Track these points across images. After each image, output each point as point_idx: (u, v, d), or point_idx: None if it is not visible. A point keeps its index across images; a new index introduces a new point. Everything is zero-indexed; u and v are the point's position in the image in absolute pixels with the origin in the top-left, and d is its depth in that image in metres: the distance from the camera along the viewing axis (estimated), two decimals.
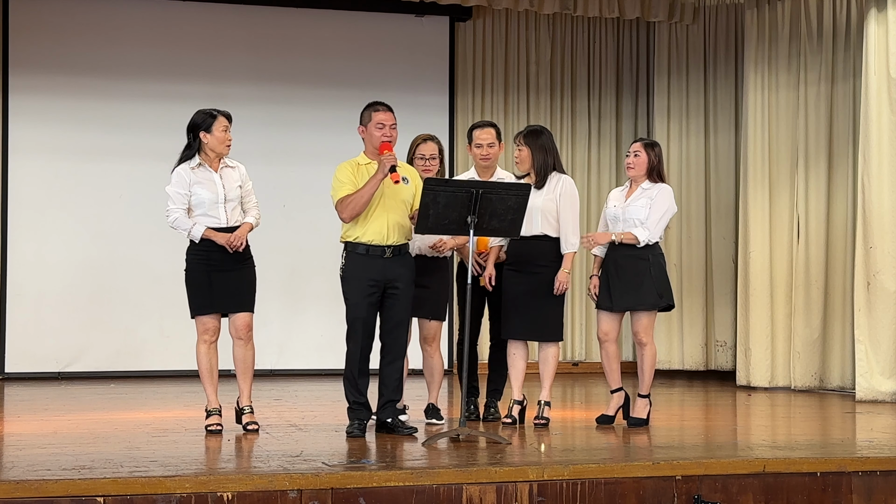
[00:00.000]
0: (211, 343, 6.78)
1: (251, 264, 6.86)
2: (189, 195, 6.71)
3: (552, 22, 11.89)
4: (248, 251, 6.84)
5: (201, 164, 6.77)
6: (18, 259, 10.65)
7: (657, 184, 7.16)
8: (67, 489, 4.90)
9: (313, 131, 11.16)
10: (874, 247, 9.02)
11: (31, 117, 10.71)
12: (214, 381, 6.83)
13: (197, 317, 6.76)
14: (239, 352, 6.82)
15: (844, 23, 9.97)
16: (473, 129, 7.35)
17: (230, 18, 11.14)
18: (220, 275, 6.69)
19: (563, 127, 11.94)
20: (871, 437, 6.77)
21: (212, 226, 6.71)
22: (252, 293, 6.85)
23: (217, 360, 6.83)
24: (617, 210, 7.14)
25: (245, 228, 6.76)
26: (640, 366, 7.18)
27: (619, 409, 7.22)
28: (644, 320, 7.10)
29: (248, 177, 6.91)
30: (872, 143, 9.04)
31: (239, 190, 6.81)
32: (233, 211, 6.77)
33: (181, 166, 6.78)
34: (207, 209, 6.71)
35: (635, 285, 7.02)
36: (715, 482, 5.58)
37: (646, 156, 7.15)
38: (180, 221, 6.71)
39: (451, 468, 5.39)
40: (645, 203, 7.08)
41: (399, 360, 6.72)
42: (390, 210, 6.64)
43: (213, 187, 6.72)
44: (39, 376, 10.51)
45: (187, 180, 6.72)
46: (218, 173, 6.77)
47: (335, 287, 6.83)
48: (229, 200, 6.75)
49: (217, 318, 6.78)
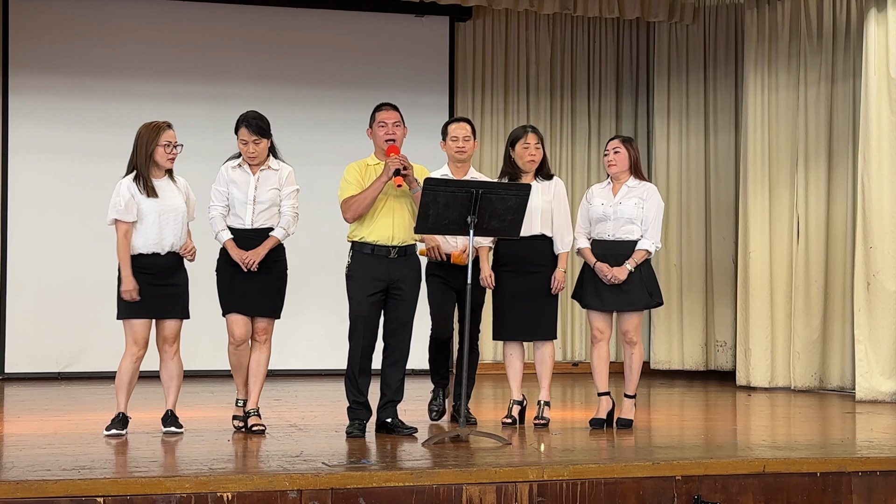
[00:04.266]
0: (238, 346, 6.78)
1: (280, 268, 6.82)
2: (227, 193, 6.73)
3: (552, 22, 11.89)
4: (280, 253, 6.81)
5: (241, 165, 6.79)
6: (18, 259, 10.66)
7: (642, 182, 7.15)
8: (67, 489, 4.90)
9: (313, 131, 11.16)
10: (874, 247, 9.02)
11: (31, 117, 10.71)
12: (243, 374, 6.83)
13: (224, 316, 6.79)
14: (253, 354, 6.82)
15: (844, 23, 9.97)
16: (448, 124, 7.36)
17: (230, 18, 11.15)
18: (242, 276, 6.69)
19: (563, 127, 11.94)
20: (871, 438, 6.77)
21: (237, 226, 6.72)
22: (274, 298, 6.80)
23: (246, 358, 6.80)
24: (606, 209, 7.08)
25: (267, 244, 6.70)
26: (628, 365, 7.16)
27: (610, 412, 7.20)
28: (635, 319, 7.10)
29: (290, 181, 6.83)
30: (872, 143, 9.04)
31: (275, 193, 6.76)
32: (260, 214, 6.73)
33: (225, 165, 6.82)
34: (237, 209, 6.73)
35: (625, 285, 7.00)
36: (715, 482, 5.58)
37: (626, 152, 7.13)
38: (214, 222, 6.75)
39: (451, 468, 5.39)
40: (636, 202, 7.06)
41: (402, 362, 6.72)
42: (397, 211, 6.64)
43: (245, 188, 6.72)
44: (39, 376, 10.52)
45: (226, 178, 6.75)
46: (256, 175, 6.76)
47: (335, 287, 6.84)
48: (258, 203, 6.73)
49: (242, 319, 6.75)
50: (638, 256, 7.02)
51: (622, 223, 7.05)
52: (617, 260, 7.02)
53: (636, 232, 7.06)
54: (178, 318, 6.74)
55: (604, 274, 6.99)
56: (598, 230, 7.12)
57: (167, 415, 6.76)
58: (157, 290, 6.64)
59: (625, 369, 7.18)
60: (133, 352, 6.68)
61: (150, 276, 6.63)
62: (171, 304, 6.69)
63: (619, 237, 7.06)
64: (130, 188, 6.65)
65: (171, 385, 6.76)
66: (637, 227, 7.05)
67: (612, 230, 7.07)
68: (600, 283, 7.05)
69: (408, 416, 6.93)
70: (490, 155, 11.67)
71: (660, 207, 7.14)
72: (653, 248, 7.07)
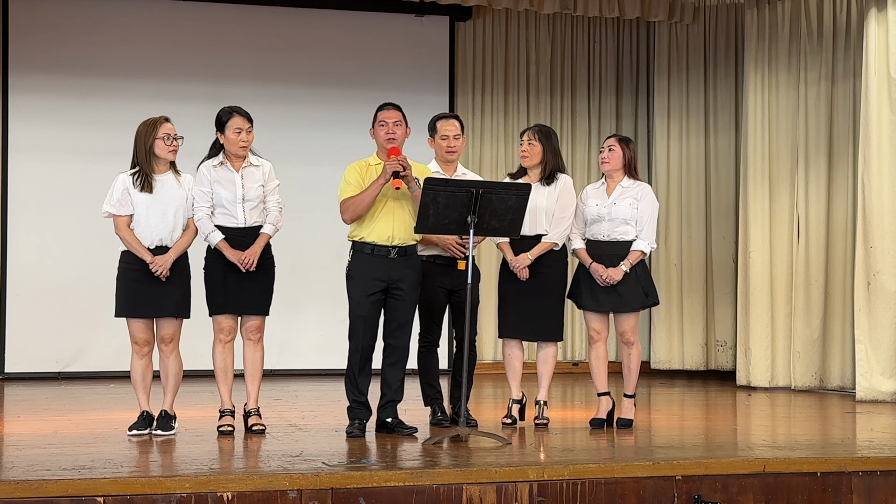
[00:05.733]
0: (226, 343, 6.75)
1: (269, 266, 6.80)
2: (211, 193, 6.69)
3: (552, 22, 11.89)
4: (268, 252, 6.79)
5: (223, 163, 6.74)
6: (18, 259, 10.66)
7: (637, 182, 7.14)
8: (67, 489, 4.90)
9: (313, 131, 11.16)
10: (874, 247, 9.02)
11: (31, 117, 10.71)
12: (229, 381, 6.79)
13: (213, 316, 6.75)
14: (248, 353, 6.80)
15: (844, 23, 9.97)
16: (437, 121, 7.22)
17: (230, 18, 11.15)
18: (236, 275, 6.66)
19: (563, 127, 11.93)
20: (872, 437, 6.77)
21: (229, 225, 6.67)
22: (266, 295, 6.78)
23: (232, 360, 6.78)
24: (601, 209, 7.07)
25: (260, 242, 6.68)
26: (626, 365, 7.15)
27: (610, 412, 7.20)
28: (631, 320, 7.10)
29: (272, 176, 6.80)
30: (872, 143, 9.04)
31: (260, 189, 6.74)
32: (251, 210, 6.71)
33: (204, 164, 6.76)
34: (226, 208, 6.69)
35: (620, 285, 7.00)
36: (715, 482, 5.58)
37: (620, 150, 7.12)
38: (202, 223, 6.68)
39: (451, 468, 5.39)
40: (630, 203, 7.05)
41: (402, 362, 6.72)
42: (397, 211, 6.64)
43: (232, 187, 6.69)
44: (39, 376, 10.52)
45: (208, 178, 6.69)
46: (239, 172, 6.73)
47: (335, 287, 6.84)
48: (248, 200, 6.70)
49: (232, 318, 6.74)
50: (633, 257, 7.01)
51: (617, 224, 7.04)
52: (612, 261, 7.02)
53: (631, 232, 7.05)
54: (172, 318, 6.68)
55: (599, 275, 6.99)
56: (593, 231, 7.11)
57: (160, 415, 6.71)
58: (148, 288, 6.58)
59: (623, 369, 7.17)
60: (136, 349, 6.68)
61: (141, 274, 6.59)
62: (163, 303, 6.61)
63: (614, 238, 7.05)
64: (125, 181, 6.64)
65: (167, 385, 6.72)
66: (632, 228, 7.05)
67: (606, 231, 7.06)
68: (595, 283, 7.04)
69: (408, 416, 6.92)
70: (490, 155, 11.68)
71: (654, 207, 7.13)
72: (648, 248, 7.06)
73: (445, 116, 7.28)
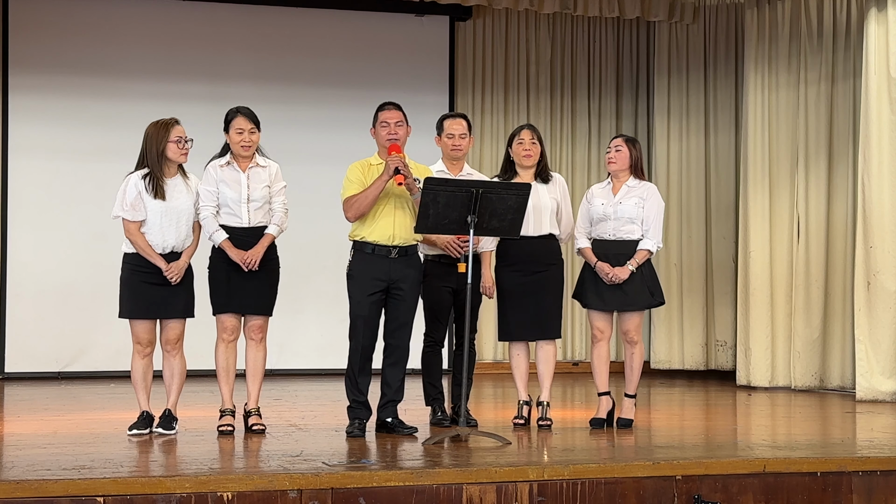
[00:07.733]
0: (229, 342, 6.75)
1: (273, 266, 6.80)
2: (217, 192, 6.69)
3: (552, 22, 11.89)
4: (273, 252, 6.79)
5: (230, 163, 6.75)
6: (18, 259, 10.66)
7: (643, 182, 7.15)
8: (67, 489, 4.90)
9: (313, 131, 11.16)
10: (874, 247, 9.02)
11: (31, 117, 10.71)
12: (230, 380, 6.79)
13: (216, 315, 6.75)
14: (250, 353, 6.81)
15: (844, 23, 9.97)
16: (444, 119, 7.25)
17: (230, 18, 11.15)
18: (239, 275, 6.66)
19: (563, 127, 11.93)
20: (872, 437, 6.77)
21: (234, 225, 6.67)
22: (269, 295, 6.78)
23: (235, 360, 6.78)
24: (606, 208, 7.08)
25: (264, 242, 6.68)
26: (629, 365, 7.15)
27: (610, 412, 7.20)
28: (636, 319, 7.10)
29: (279, 177, 6.80)
30: (872, 143, 9.04)
31: (266, 190, 6.74)
32: (256, 211, 6.71)
33: (211, 164, 6.77)
34: (231, 208, 6.69)
35: (626, 284, 7.00)
36: (715, 482, 5.58)
37: (627, 150, 7.13)
38: (207, 223, 6.69)
39: (451, 468, 5.39)
40: (636, 202, 7.06)
41: (402, 361, 6.72)
42: (398, 211, 6.65)
43: (237, 187, 6.69)
44: (39, 376, 10.52)
45: (215, 178, 6.70)
46: (245, 173, 6.73)
47: (335, 287, 6.84)
48: (253, 201, 6.70)
49: (235, 318, 6.74)
50: (640, 257, 7.02)
51: (622, 223, 7.05)
52: (617, 260, 7.02)
53: (636, 232, 7.06)
54: (180, 318, 6.71)
55: (605, 273, 6.99)
56: (599, 230, 7.12)
57: (164, 414, 6.73)
58: (158, 289, 6.62)
59: (625, 369, 7.17)
60: (138, 350, 6.69)
61: (151, 276, 6.62)
62: (172, 304, 6.67)
63: (620, 237, 7.06)
64: (138, 185, 6.62)
65: (172, 384, 6.75)
66: (637, 227, 7.05)
67: (612, 230, 7.07)
68: (601, 282, 7.04)
69: (408, 415, 6.92)
70: (490, 155, 11.67)
71: (660, 207, 7.14)
72: (654, 248, 7.08)
73: (453, 115, 7.33)
